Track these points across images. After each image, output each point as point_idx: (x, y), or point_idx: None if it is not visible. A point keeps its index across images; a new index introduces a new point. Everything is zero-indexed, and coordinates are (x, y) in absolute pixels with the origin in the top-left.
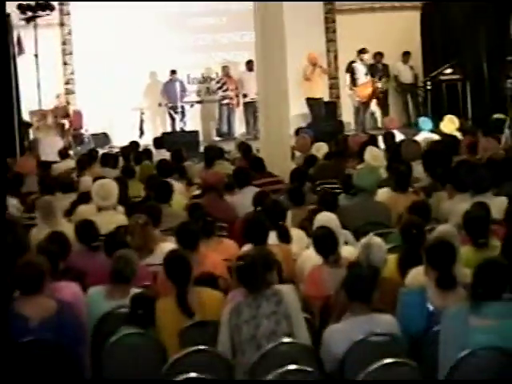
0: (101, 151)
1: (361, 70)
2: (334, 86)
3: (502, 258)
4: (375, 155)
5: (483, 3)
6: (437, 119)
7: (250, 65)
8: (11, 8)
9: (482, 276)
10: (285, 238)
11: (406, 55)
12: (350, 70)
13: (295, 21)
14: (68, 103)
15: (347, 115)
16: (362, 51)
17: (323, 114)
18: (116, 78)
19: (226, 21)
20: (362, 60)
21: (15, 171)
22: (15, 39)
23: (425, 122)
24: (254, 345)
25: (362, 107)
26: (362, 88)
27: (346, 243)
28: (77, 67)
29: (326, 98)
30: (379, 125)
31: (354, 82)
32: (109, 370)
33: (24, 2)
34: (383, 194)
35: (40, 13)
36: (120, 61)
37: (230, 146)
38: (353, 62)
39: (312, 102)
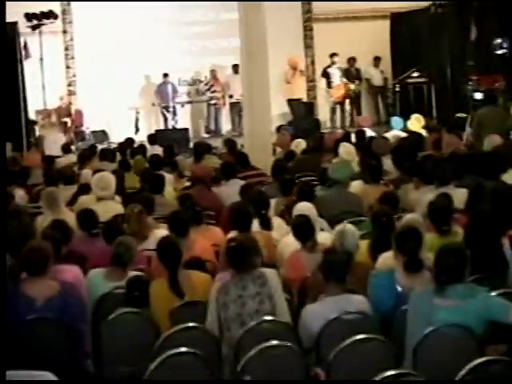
0: (100, 147)
1: (335, 73)
2: (311, 88)
3: (462, 244)
4: (348, 150)
5: (446, 13)
6: (404, 118)
7: (235, 68)
8: (18, 16)
9: (442, 261)
10: (266, 225)
11: (377, 60)
12: (326, 75)
13: (276, 28)
14: (70, 103)
15: (323, 114)
16: (333, 55)
17: (302, 113)
18: (114, 80)
19: (214, 28)
20: (333, 63)
21: (22, 165)
22: (22, 45)
23: (396, 122)
24: (239, 322)
25: (336, 107)
26: (335, 90)
27: (322, 230)
28: (78, 70)
29: (305, 99)
30: (346, 123)
31: (329, 85)
32: (107, 345)
33: (30, 11)
34: (356, 185)
35: (45, 21)
36: (118, 65)
37: (217, 142)
38: (328, 67)
39: (293, 103)
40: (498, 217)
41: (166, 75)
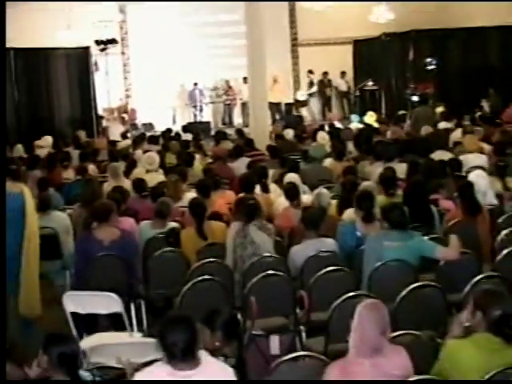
0: (148, 134)
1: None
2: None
3: (404, 201)
4: (323, 137)
5: (392, 40)
6: (362, 114)
7: (245, 79)
8: (91, 42)
9: (388, 214)
10: (266, 189)
11: (343, 73)
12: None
13: (272, 51)
14: (127, 103)
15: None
16: (310, 71)
17: (284, 112)
18: (158, 87)
19: (230, 51)
20: (308, 77)
21: (93, 147)
22: (93, 62)
23: (355, 117)
24: (252, 258)
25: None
26: None
27: (305, 193)
28: (133, 80)
29: (283, 101)
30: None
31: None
32: (152, 274)
33: (99, 39)
34: (328, 162)
35: (109, 46)
36: (161, 76)
37: (230, 131)
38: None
39: (270, 105)
40: (428, 184)
41: (195, 84)
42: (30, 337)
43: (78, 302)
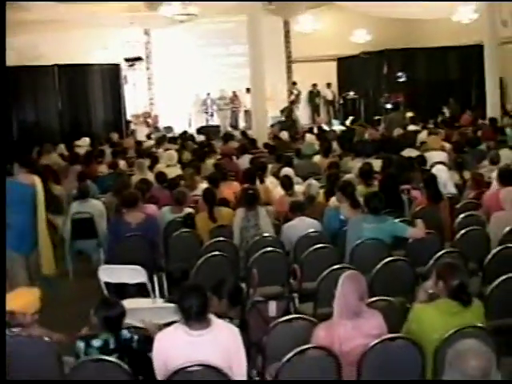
0: (168, 135)
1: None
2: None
3: (379, 191)
4: (312, 137)
5: (369, 58)
6: (344, 119)
7: (248, 90)
8: (120, 60)
9: (369, 201)
10: (261, 180)
11: (329, 85)
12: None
13: (270, 67)
14: (151, 110)
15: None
16: (294, 83)
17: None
18: (177, 96)
19: (235, 67)
20: (291, 88)
21: (123, 146)
22: (123, 76)
23: (335, 121)
24: (254, 238)
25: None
26: None
27: (298, 184)
28: (156, 91)
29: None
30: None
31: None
32: (172, 250)
33: (127, 57)
34: (316, 158)
35: (136, 62)
36: (179, 87)
37: (236, 133)
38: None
39: None
40: (399, 176)
41: (208, 94)
42: (51, 291)
43: (110, 274)
